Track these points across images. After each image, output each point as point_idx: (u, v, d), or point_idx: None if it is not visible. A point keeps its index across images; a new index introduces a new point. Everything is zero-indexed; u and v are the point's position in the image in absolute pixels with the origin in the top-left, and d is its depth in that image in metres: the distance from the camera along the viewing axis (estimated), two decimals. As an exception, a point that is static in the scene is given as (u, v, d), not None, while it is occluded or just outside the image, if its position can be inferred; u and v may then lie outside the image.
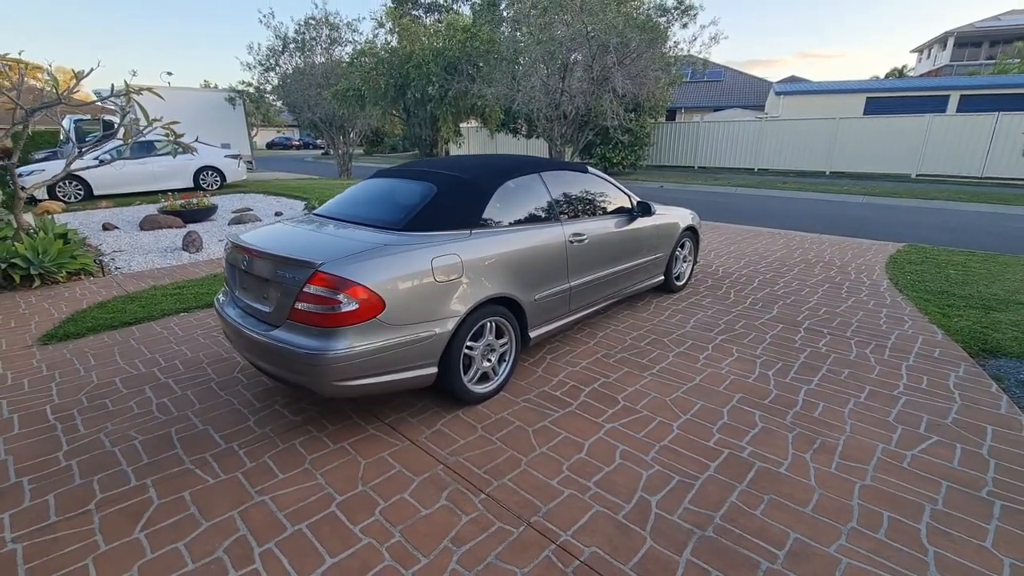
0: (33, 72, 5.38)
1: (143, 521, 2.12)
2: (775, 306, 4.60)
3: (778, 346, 3.77)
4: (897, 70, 45.01)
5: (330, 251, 2.52)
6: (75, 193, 11.48)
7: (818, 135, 17.52)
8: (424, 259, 2.62)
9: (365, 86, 13.68)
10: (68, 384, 3.28)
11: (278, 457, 2.54)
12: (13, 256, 5.18)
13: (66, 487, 2.33)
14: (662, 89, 12.84)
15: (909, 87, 22.34)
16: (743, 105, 27.02)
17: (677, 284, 4.97)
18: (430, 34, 14.97)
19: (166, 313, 4.54)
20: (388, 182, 3.44)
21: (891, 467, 2.42)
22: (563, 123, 12.55)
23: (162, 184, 12.28)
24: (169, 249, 7.01)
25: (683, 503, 2.21)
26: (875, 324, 4.15)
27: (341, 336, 2.39)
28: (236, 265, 2.86)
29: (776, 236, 7.77)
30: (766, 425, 2.78)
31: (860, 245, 7.09)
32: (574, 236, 3.47)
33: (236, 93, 18.37)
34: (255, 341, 2.58)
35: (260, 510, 2.18)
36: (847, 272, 5.69)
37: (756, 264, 6.07)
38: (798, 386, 3.19)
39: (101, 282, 5.54)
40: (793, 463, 2.46)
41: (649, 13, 11.34)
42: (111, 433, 2.75)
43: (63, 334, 4.05)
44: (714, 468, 2.44)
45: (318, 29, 15.68)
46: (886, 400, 3.01)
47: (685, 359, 3.58)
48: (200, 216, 8.97)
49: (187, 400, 3.09)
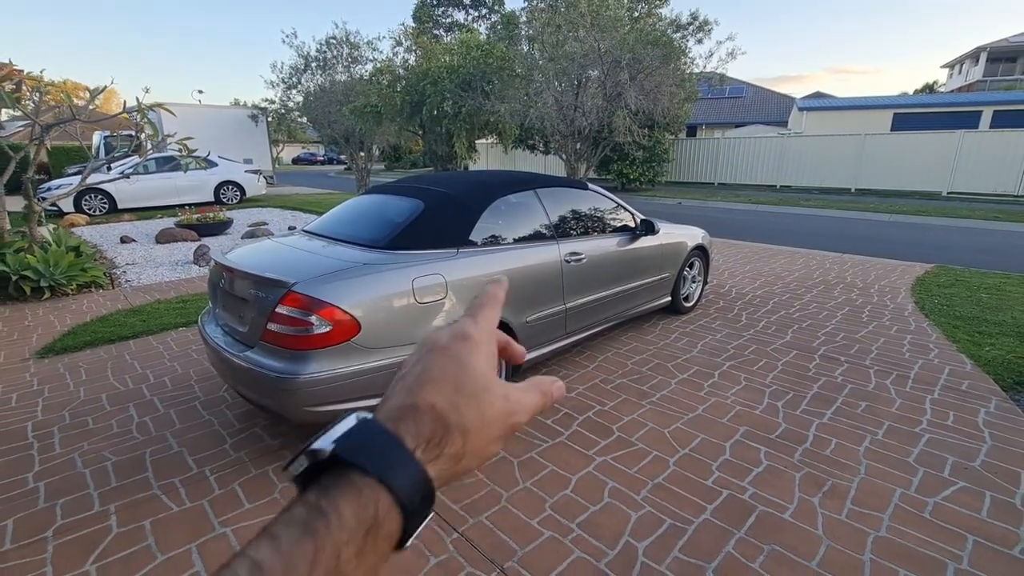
0: (56, 93, 5.52)
1: (97, 552, 2.02)
2: (789, 330, 4.35)
3: (790, 374, 3.53)
4: (928, 86, 44.01)
5: (305, 270, 2.43)
6: (100, 206, 11.81)
7: (843, 151, 17.07)
8: (405, 279, 2.51)
9: (382, 103, 13.87)
10: (55, 400, 3.25)
11: (248, 484, 2.43)
12: (24, 268, 5.26)
13: (28, 511, 2.25)
14: (677, 105, 12.67)
15: (939, 102, 21.74)
16: (766, 121, 26.62)
17: (685, 305, 4.76)
18: (447, 51, 15.16)
19: (165, 328, 4.52)
20: (379, 198, 3.36)
21: (910, 516, 2.18)
22: (576, 139, 12.47)
23: (184, 198, 12.56)
24: (180, 262, 7.08)
25: (673, 551, 2.02)
26: (897, 352, 3.88)
27: (313, 359, 2.28)
28: (217, 284, 2.79)
29: (795, 255, 7.48)
30: (772, 463, 2.56)
31: (885, 266, 6.76)
32: (571, 255, 3.33)
33: (259, 110, 18.86)
34: (228, 361, 2.49)
35: (219, 543, 2.06)
36: (869, 295, 5.40)
37: (772, 285, 5.81)
38: (809, 420, 2.95)
39: (109, 295, 5.59)
40: (799, 508, 2.24)
41: (663, 29, 11.26)
42: (86, 453, 2.68)
43: (60, 347, 4.05)
44: (711, 511, 2.23)
45: (339, 48, 16.02)
46: (907, 438, 2.76)
47: (688, 387, 3.38)
48: (215, 230, 9.09)
49: (168, 420, 3.01)
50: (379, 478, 0.31)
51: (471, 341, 0.40)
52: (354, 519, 0.30)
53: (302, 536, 0.29)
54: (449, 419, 0.36)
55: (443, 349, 0.39)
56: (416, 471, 0.33)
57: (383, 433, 0.34)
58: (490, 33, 16.63)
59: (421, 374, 0.38)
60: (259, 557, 0.28)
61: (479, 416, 0.37)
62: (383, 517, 0.31)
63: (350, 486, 0.31)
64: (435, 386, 0.37)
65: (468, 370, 0.38)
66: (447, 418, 0.36)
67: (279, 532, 0.29)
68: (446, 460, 0.35)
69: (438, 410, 0.36)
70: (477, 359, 0.39)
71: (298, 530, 0.29)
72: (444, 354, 0.39)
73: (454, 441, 0.36)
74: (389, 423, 0.35)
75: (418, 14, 29.03)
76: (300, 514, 0.30)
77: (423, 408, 0.36)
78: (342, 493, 0.31)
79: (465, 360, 0.38)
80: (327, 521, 0.30)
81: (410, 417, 0.35)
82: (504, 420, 0.38)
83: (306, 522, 0.29)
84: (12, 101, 4.92)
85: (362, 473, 0.31)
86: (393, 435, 0.34)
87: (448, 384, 0.37)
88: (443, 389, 0.37)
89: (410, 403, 0.36)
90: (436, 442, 0.35)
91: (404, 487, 0.32)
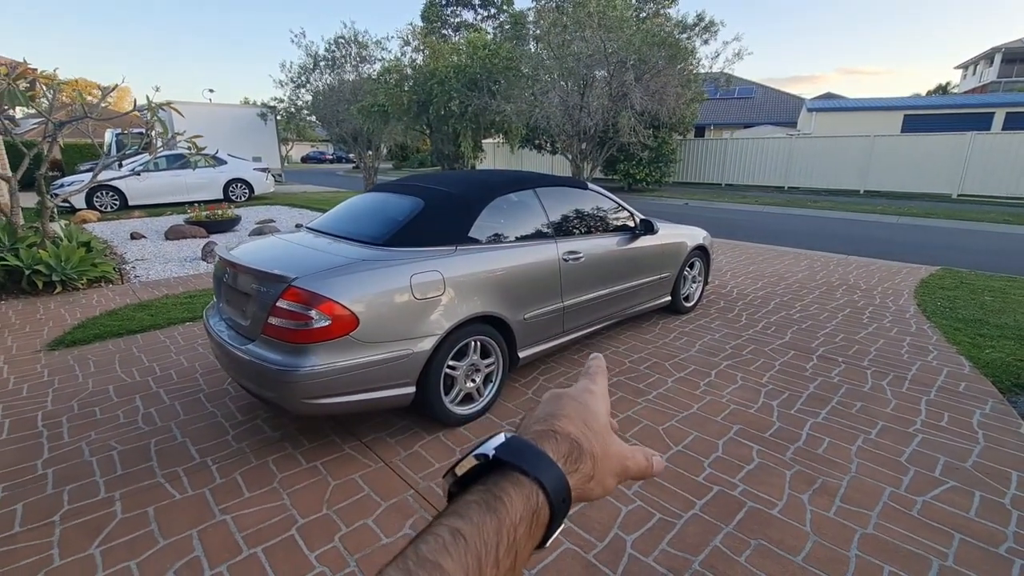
0: (69, 91, 5.64)
1: (102, 536, 2.09)
2: (789, 331, 4.36)
3: (787, 374, 3.55)
4: (941, 87, 43.51)
5: (306, 266, 2.49)
6: (111, 203, 11.99)
7: (852, 153, 16.95)
8: (403, 275, 2.56)
9: (389, 102, 13.96)
10: (64, 391, 3.33)
11: (249, 474, 2.49)
12: (37, 263, 5.38)
13: (37, 496, 2.33)
14: (684, 106, 12.65)
15: (951, 104, 21.51)
16: (775, 122, 26.46)
17: (686, 305, 4.78)
18: (454, 51, 15.22)
19: (173, 322, 4.61)
20: (381, 196, 3.42)
21: (898, 514, 2.20)
22: (582, 139, 12.49)
23: (194, 195, 12.72)
24: (189, 259, 7.19)
25: (661, 544, 2.05)
26: (896, 354, 3.88)
27: (312, 353, 2.34)
28: (221, 278, 2.86)
29: (799, 257, 7.47)
30: (763, 461, 2.59)
31: (889, 268, 6.73)
32: (569, 254, 3.37)
33: (268, 109, 19.03)
34: (231, 354, 2.56)
35: (219, 530, 2.13)
36: (871, 296, 5.39)
37: (774, 286, 5.81)
38: (803, 419, 2.98)
39: (119, 290, 5.70)
40: (788, 505, 2.27)
41: (670, 30, 11.24)
42: (93, 442, 2.76)
43: (70, 340, 4.15)
44: (700, 506, 2.27)
45: (347, 47, 16.14)
46: (900, 438, 2.78)
47: (685, 385, 3.40)
48: (223, 227, 9.21)
49: (173, 411, 3.09)
50: (535, 478, 0.38)
51: (595, 395, 0.49)
52: (522, 505, 0.37)
53: (486, 513, 0.35)
54: (582, 443, 0.43)
55: (572, 398, 0.48)
56: (560, 476, 0.40)
57: (531, 446, 0.41)
58: (497, 32, 16.65)
59: (554, 411, 0.46)
60: (456, 525, 0.34)
61: (604, 449, 0.45)
62: (540, 509, 0.38)
63: (515, 482, 0.38)
64: (568, 420, 0.45)
65: (594, 414, 0.47)
66: (581, 442, 0.43)
67: (464, 511, 0.35)
68: (580, 477, 0.42)
69: (573, 436, 0.43)
70: (599, 408, 0.48)
71: (482, 508, 0.35)
72: (573, 400, 0.47)
73: (586, 462, 0.42)
74: (532, 441, 0.42)
75: (427, 14, 29.12)
76: (478, 499, 0.36)
77: (561, 433, 0.43)
78: (510, 486, 0.37)
79: (591, 406, 0.47)
80: (503, 504, 0.36)
81: (550, 439, 0.42)
82: (620, 461, 0.46)
83: (487, 503, 0.36)
84: (26, 99, 5.04)
85: (521, 473, 0.38)
86: (539, 448, 0.41)
87: (579, 420, 0.45)
88: (575, 423, 0.45)
89: (548, 429, 0.43)
90: (573, 459, 0.42)
91: (553, 487, 0.39)
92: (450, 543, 0.33)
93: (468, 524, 0.34)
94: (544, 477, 0.38)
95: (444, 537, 0.33)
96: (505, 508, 0.36)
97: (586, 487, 0.42)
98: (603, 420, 0.47)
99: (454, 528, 0.34)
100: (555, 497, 0.38)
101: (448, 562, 0.32)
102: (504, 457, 0.39)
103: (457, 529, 0.34)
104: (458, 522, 0.34)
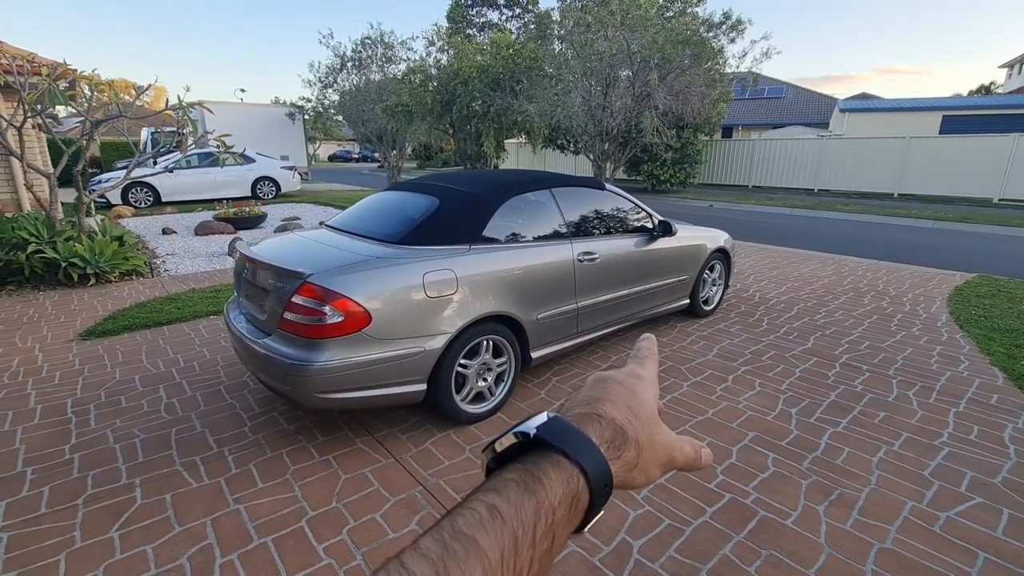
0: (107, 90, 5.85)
1: (121, 520, 2.16)
2: (811, 337, 4.25)
3: (807, 381, 3.46)
4: (984, 87, 41.79)
5: (321, 263, 2.53)
6: (145, 199, 12.40)
7: (886, 155, 16.39)
8: (415, 274, 2.58)
9: (413, 102, 14.10)
10: (93, 379, 3.46)
11: (263, 465, 2.54)
12: (73, 256, 5.60)
13: (63, 480, 2.43)
14: (709, 106, 12.43)
15: (993, 104, 20.64)
16: (806, 123, 25.80)
17: (705, 309, 4.70)
18: (478, 51, 15.29)
19: (198, 315, 4.74)
20: (399, 195, 3.45)
21: (919, 529, 2.12)
22: (604, 140, 12.39)
23: (223, 192, 13.07)
24: (216, 254, 7.39)
25: (668, 550, 2.02)
26: (924, 363, 3.74)
27: (325, 348, 2.37)
28: (242, 273, 2.93)
29: (827, 261, 7.26)
30: (779, 469, 2.53)
31: (922, 274, 6.49)
32: (584, 255, 3.34)
33: (296, 108, 19.43)
34: (248, 347, 2.62)
35: (232, 519, 2.18)
36: (901, 303, 5.20)
37: (799, 290, 5.67)
38: (823, 428, 2.89)
39: (148, 283, 5.89)
40: (803, 515, 2.21)
41: (695, 28, 11.05)
42: (117, 430, 2.85)
43: (101, 331, 4.30)
44: (711, 513, 2.22)
45: (373, 48, 16.36)
46: (924, 450, 2.67)
47: (700, 390, 3.35)
48: (250, 224, 9.44)
49: (194, 402, 3.18)
50: (576, 461, 0.37)
51: (643, 380, 0.46)
52: (561, 489, 0.35)
53: (524, 494, 0.34)
54: (627, 430, 0.41)
55: (618, 382, 0.45)
56: (602, 462, 0.38)
57: (574, 428, 0.39)
58: (521, 32, 16.64)
59: (599, 395, 0.43)
60: (493, 502, 0.33)
61: (649, 437, 0.42)
62: (580, 493, 0.36)
63: (556, 464, 0.36)
64: (613, 405, 0.42)
65: (641, 400, 0.44)
66: (625, 429, 0.41)
67: (502, 488, 0.34)
68: (622, 465, 0.40)
69: (618, 422, 0.41)
70: (647, 394, 0.45)
71: (520, 488, 0.34)
72: (620, 385, 0.45)
73: (630, 450, 0.40)
74: (575, 424, 0.40)
75: (452, 14, 29.32)
76: (517, 478, 0.35)
77: (605, 417, 0.41)
78: (550, 467, 0.36)
79: (639, 392, 0.45)
80: (542, 485, 0.35)
81: (594, 422, 0.40)
82: (666, 451, 0.43)
83: (526, 483, 0.35)
84: (66, 99, 5.25)
85: (562, 455, 0.37)
86: (582, 431, 0.39)
87: (624, 406, 0.42)
88: (620, 408, 0.42)
89: (592, 412, 0.41)
90: (616, 445, 0.40)
91: (594, 473, 0.37)
92: (487, 519, 0.32)
93: (506, 502, 0.33)
94: (585, 461, 0.37)
95: (481, 512, 0.32)
96: (544, 490, 0.35)
97: (628, 475, 0.41)
98: (650, 408, 0.44)
99: (491, 505, 0.33)
100: (596, 483, 0.37)
101: (484, 538, 0.31)
102: (545, 437, 0.37)
103: (494, 506, 0.33)
104: (495, 499, 0.33)
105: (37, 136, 8.39)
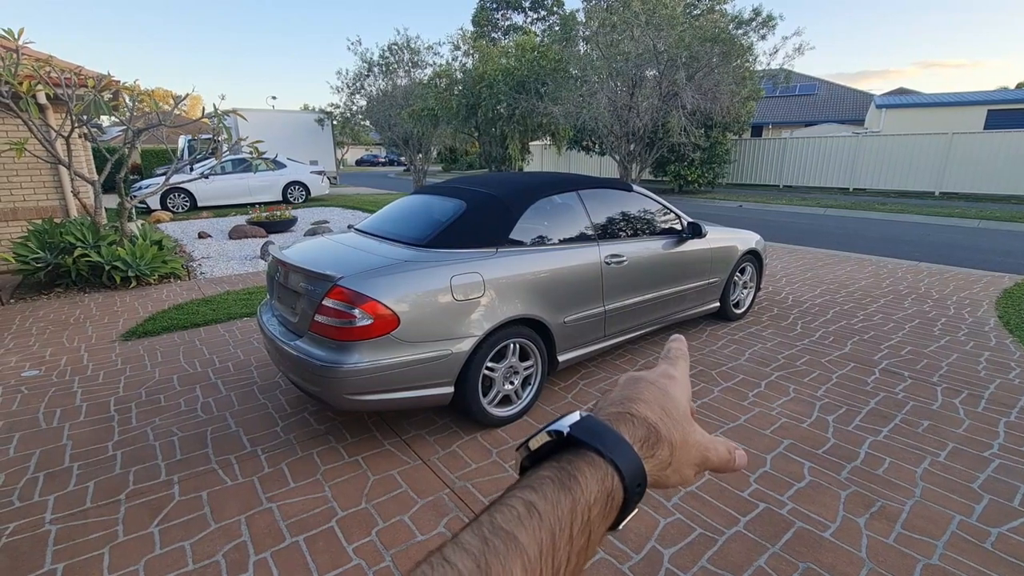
0: (148, 100, 6.09)
1: (161, 516, 2.23)
2: (849, 342, 4.10)
3: (845, 388, 3.34)
4: (1031, 79, 39.75)
5: (351, 266, 2.57)
6: (182, 204, 12.86)
7: (926, 152, 15.74)
8: (443, 277, 2.60)
9: (438, 105, 14.24)
10: (134, 378, 3.60)
11: (294, 465, 2.59)
12: (115, 259, 5.84)
13: (107, 475, 2.52)
14: (739, 104, 12.16)
15: (1043, 97, 19.59)
16: (840, 120, 25.02)
17: (736, 312, 4.59)
18: (503, 54, 15.34)
19: (232, 317, 4.88)
20: (426, 198, 3.48)
21: (968, 545, 2.02)
22: (630, 140, 12.26)
23: (256, 197, 13.44)
24: (249, 257, 7.60)
25: (700, 560, 1.97)
26: (971, 370, 3.57)
27: (354, 350, 2.41)
28: (274, 276, 3.00)
29: (864, 263, 7.01)
30: (816, 479, 2.44)
31: (968, 276, 6.20)
32: (611, 257, 3.31)
33: (325, 114, 19.85)
34: (281, 349, 2.67)
35: (265, 517, 2.23)
36: (945, 307, 4.98)
37: (835, 293, 5.48)
38: (862, 436, 2.79)
39: (186, 285, 6.09)
40: (842, 527, 2.13)
41: (724, 25, 10.84)
42: (157, 428, 2.96)
43: (142, 332, 4.47)
44: (744, 523, 2.16)
45: (400, 53, 16.59)
46: (973, 462, 2.55)
47: (732, 395, 3.27)
48: (281, 227, 9.67)
49: (229, 401, 3.27)
50: (610, 459, 0.37)
51: (675, 380, 0.47)
52: (596, 487, 0.36)
53: (560, 491, 0.35)
54: (660, 430, 0.41)
55: (650, 382, 0.45)
56: (636, 460, 0.38)
57: (607, 426, 0.39)
58: (546, 34, 16.66)
59: (632, 395, 0.43)
60: (531, 499, 0.34)
61: (683, 437, 0.42)
62: (614, 491, 0.37)
63: (590, 462, 0.37)
64: (646, 405, 0.42)
65: (674, 401, 0.44)
66: (659, 428, 0.41)
67: (538, 485, 0.35)
68: (656, 464, 0.40)
69: (651, 421, 0.41)
70: (680, 394, 0.45)
71: (556, 485, 0.35)
72: (652, 385, 0.45)
73: (663, 449, 0.40)
74: (608, 422, 0.40)
75: (477, 18, 29.51)
76: (552, 475, 0.36)
77: (638, 416, 0.41)
78: (584, 465, 0.36)
79: (671, 392, 0.45)
80: (577, 483, 0.35)
81: (627, 421, 0.41)
82: (700, 452, 0.43)
83: (561, 480, 0.35)
84: (109, 109, 5.48)
85: (596, 453, 0.37)
86: (616, 430, 0.39)
87: (657, 406, 0.43)
88: (653, 408, 0.42)
89: (625, 411, 0.41)
90: (650, 444, 0.40)
91: (628, 471, 0.37)
92: (524, 516, 0.33)
93: (543, 500, 0.34)
94: (620, 459, 0.37)
95: (519, 509, 0.33)
96: (580, 487, 0.35)
97: (662, 475, 0.41)
98: (683, 408, 0.44)
99: (528, 502, 0.33)
100: (630, 481, 0.37)
101: (523, 534, 0.32)
102: (579, 435, 0.38)
103: (532, 503, 0.33)
104: (532, 496, 0.34)
105: (83, 145, 8.77)
